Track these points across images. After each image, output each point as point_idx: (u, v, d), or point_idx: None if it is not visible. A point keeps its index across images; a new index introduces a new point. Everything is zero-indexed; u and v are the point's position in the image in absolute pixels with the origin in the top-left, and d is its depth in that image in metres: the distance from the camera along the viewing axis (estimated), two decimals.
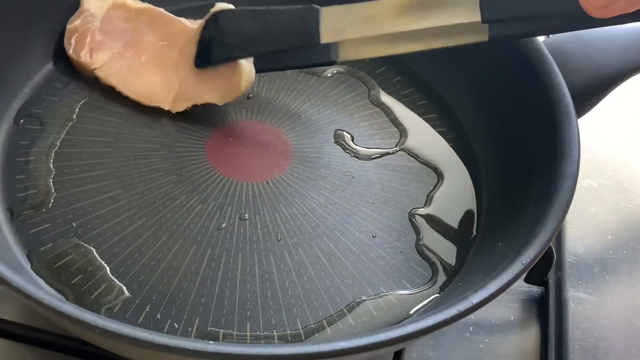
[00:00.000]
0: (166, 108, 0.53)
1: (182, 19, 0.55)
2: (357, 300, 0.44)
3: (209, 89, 0.53)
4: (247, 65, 0.52)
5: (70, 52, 0.54)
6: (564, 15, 0.43)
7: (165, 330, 0.41)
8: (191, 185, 0.49)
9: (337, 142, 0.53)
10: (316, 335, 0.42)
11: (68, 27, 0.54)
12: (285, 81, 0.57)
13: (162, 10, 0.56)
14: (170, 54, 0.54)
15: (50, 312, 0.33)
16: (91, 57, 0.54)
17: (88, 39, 0.54)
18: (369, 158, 0.53)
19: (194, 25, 0.54)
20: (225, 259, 0.45)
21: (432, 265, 0.47)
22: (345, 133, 0.54)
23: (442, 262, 0.47)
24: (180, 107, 0.53)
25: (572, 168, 0.43)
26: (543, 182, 0.44)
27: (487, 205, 0.50)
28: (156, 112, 0.53)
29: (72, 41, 0.54)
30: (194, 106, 0.53)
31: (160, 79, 0.54)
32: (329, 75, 0.58)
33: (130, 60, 0.54)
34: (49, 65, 0.55)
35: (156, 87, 0.54)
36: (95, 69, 0.54)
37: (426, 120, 0.56)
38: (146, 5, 0.56)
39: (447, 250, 0.48)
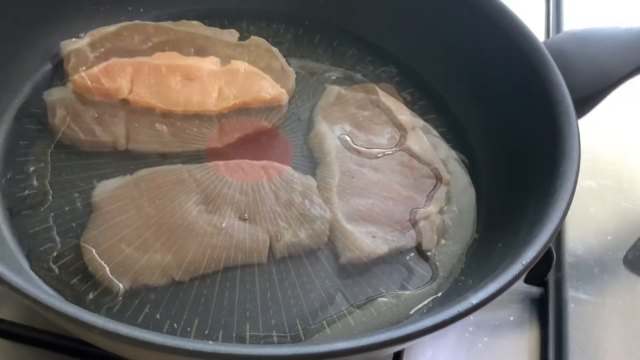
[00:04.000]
0: (212, 109, 0.53)
1: (150, 24, 0.57)
2: (357, 300, 0.44)
3: (255, 87, 0.54)
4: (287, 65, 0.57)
5: (90, 84, 0.52)
6: None
7: (164, 331, 0.41)
8: (191, 185, 0.49)
9: (337, 142, 0.53)
10: (316, 335, 0.42)
11: (67, 67, 0.53)
12: None
13: (137, 22, 0.57)
14: (192, 61, 0.55)
15: (49, 312, 0.33)
16: (111, 80, 0.52)
17: (95, 68, 0.53)
18: (369, 158, 0.53)
19: (179, 27, 0.57)
20: (225, 259, 0.45)
21: (432, 265, 0.47)
22: (345, 133, 0.54)
23: (442, 262, 0.47)
24: (227, 104, 0.53)
25: (572, 168, 0.43)
26: (543, 182, 0.44)
27: (487, 205, 0.50)
28: (155, 112, 0.53)
29: (84, 75, 0.52)
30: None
31: (195, 85, 0.54)
32: (329, 76, 0.58)
33: (152, 76, 0.54)
34: (49, 65, 0.55)
35: (194, 94, 0.53)
36: (125, 96, 0.52)
37: (426, 120, 0.56)
38: (119, 24, 0.57)
39: (447, 251, 0.48)
